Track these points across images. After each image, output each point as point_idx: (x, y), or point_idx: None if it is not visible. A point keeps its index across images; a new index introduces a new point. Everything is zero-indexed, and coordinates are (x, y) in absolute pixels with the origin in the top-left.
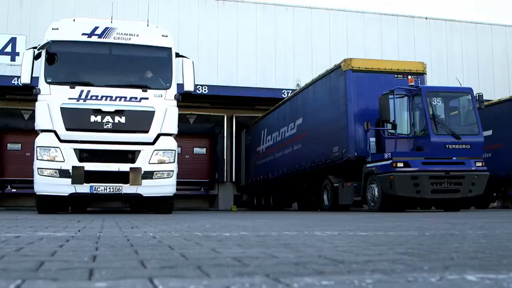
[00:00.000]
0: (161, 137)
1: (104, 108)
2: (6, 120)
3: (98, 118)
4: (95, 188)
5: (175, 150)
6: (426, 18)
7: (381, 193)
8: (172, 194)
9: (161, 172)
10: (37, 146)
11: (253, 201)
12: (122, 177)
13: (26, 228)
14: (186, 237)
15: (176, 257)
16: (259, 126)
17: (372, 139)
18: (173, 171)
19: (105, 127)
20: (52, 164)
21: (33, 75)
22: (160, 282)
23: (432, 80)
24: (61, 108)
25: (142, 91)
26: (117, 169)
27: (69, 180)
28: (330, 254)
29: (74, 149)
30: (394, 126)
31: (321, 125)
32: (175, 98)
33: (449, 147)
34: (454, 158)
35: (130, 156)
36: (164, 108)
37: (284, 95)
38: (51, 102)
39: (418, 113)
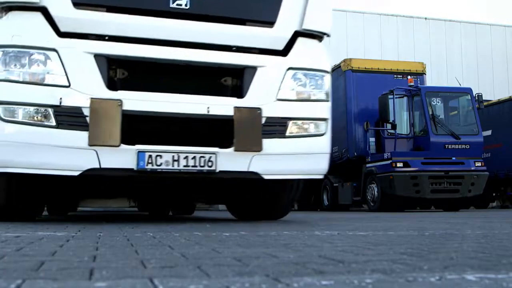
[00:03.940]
0: (301, 40)
1: None
2: None
3: None
4: (150, 158)
5: (328, 73)
6: (426, 18)
7: (380, 193)
8: (323, 176)
9: (305, 122)
10: None
11: None
12: (213, 131)
13: (26, 228)
14: (186, 237)
15: (176, 257)
16: None
17: (372, 139)
18: (326, 120)
19: (172, 6)
20: (37, 91)
21: None
22: (160, 282)
23: (431, 80)
24: None
25: None
26: (204, 111)
27: (84, 135)
28: (330, 254)
29: (95, 56)
30: (394, 126)
31: None
32: None
33: (449, 147)
34: (453, 158)
35: (232, 82)
36: None
37: None
38: None
39: (417, 113)
